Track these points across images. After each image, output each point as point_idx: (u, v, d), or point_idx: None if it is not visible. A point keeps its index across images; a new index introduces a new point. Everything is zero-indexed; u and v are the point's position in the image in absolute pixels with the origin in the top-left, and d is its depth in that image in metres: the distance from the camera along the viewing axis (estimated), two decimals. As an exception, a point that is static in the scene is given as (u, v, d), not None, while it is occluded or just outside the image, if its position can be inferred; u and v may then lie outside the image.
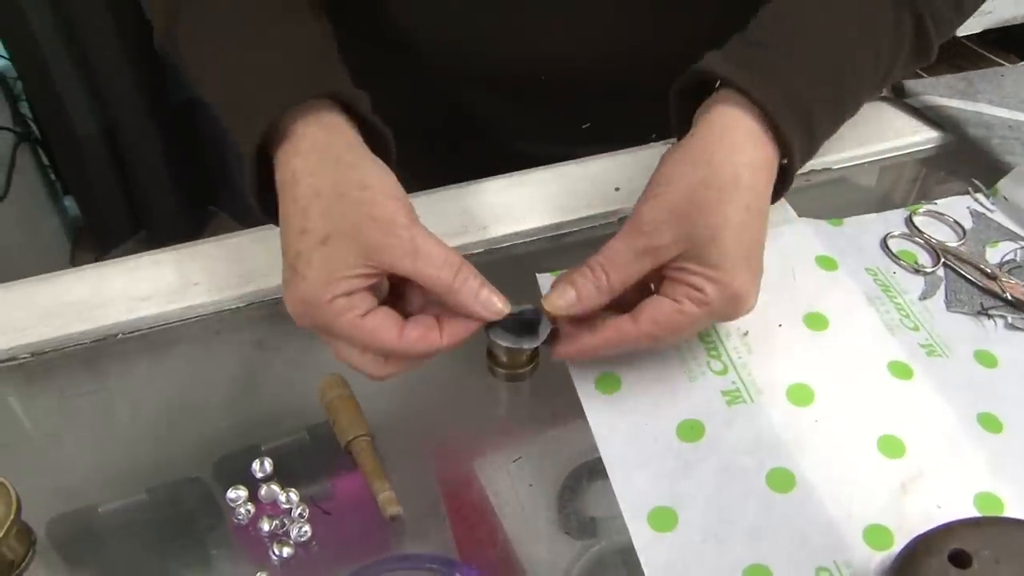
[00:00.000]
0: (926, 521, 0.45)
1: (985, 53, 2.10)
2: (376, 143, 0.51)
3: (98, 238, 1.95)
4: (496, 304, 0.48)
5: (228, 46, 0.53)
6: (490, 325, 0.50)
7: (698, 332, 0.54)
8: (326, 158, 0.47)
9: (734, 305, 0.48)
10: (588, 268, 0.49)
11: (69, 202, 2.01)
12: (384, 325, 0.46)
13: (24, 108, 1.80)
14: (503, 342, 0.50)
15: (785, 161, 0.51)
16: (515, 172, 0.68)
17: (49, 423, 0.56)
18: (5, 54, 1.70)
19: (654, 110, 0.56)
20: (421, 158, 0.76)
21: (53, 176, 1.94)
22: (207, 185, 2.05)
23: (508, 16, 0.65)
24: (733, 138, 0.49)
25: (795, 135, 0.49)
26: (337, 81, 0.51)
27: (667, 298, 0.48)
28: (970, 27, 1.82)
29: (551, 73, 0.69)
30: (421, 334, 0.47)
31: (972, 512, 0.48)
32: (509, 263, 0.64)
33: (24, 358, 0.57)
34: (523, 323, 0.50)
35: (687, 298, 0.48)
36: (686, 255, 0.48)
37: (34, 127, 1.83)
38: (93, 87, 1.71)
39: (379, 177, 0.48)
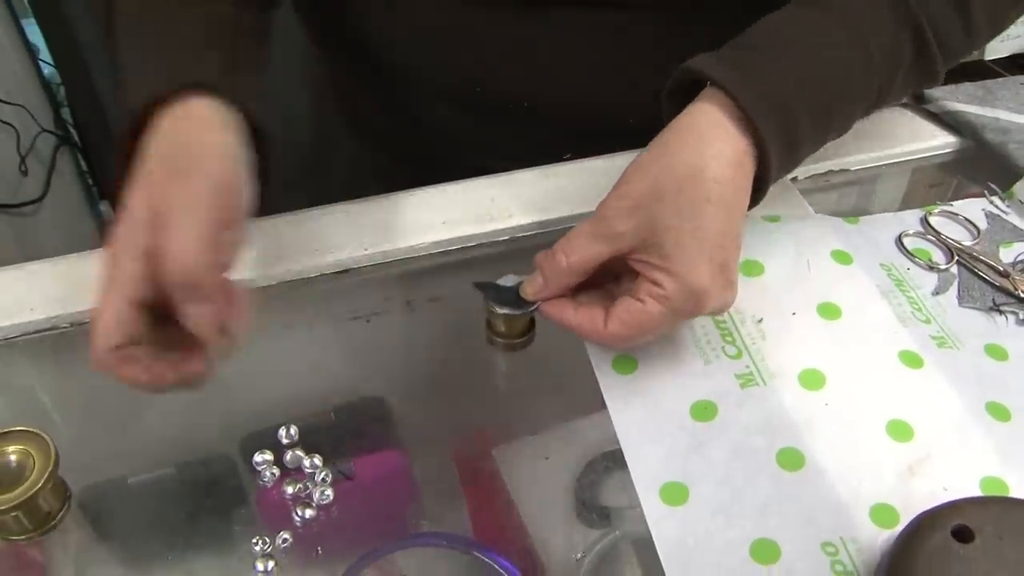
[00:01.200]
0: (932, 501, 0.45)
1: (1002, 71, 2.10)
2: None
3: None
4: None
5: (125, 39, 0.55)
6: (487, 286, 0.55)
7: (669, 331, 0.54)
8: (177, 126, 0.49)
9: (694, 301, 0.48)
10: (552, 252, 0.51)
11: (104, 207, 2.05)
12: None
13: (66, 114, 1.85)
14: (501, 309, 0.54)
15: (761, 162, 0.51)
16: (545, 165, 0.70)
17: (82, 393, 0.58)
18: (51, 61, 1.76)
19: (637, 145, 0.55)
20: (397, 170, 0.78)
21: (91, 181, 1.99)
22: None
23: (496, 44, 0.67)
24: (701, 130, 0.49)
25: (771, 133, 0.49)
26: (213, 75, 0.52)
27: (632, 298, 0.49)
28: (997, 50, 1.83)
29: (533, 101, 0.70)
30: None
31: (978, 494, 0.48)
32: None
33: (64, 328, 0.59)
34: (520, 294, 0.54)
35: (648, 295, 0.48)
36: (646, 246, 0.48)
37: (74, 132, 1.88)
38: (133, 95, 1.75)
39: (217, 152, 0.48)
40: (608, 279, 0.53)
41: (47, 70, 1.80)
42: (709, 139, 0.48)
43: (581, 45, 0.67)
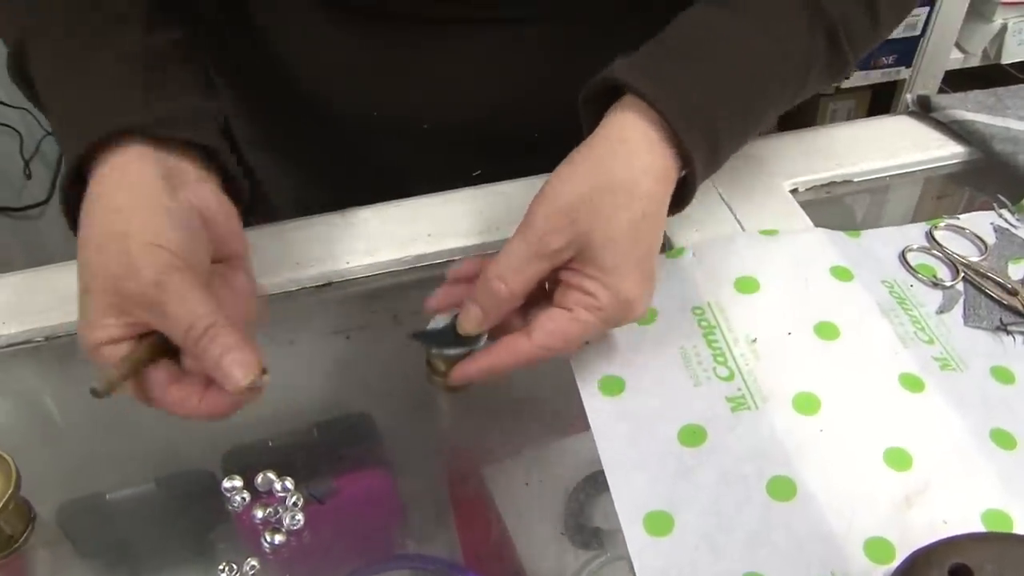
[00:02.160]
0: (930, 535, 0.43)
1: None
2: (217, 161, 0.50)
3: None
4: (234, 377, 0.43)
5: (52, 73, 0.51)
6: (425, 334, 0.51)
7: (591, 340, 0.53)
8: (97, 205, 0.46)
9: (625, 310, 0.49)
10: (488, 282, 0.49)
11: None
12: (153, 380, 0.45)
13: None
14: (449, 352, 0.51)
15: (685, 172, 0.50)
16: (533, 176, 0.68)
17: (59, 406, 0.57)
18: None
19: (551, 159, 0.53)
20: (312, 190, 0.76)
21: (97, 183, 1.99)
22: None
23: (389, 63, 0.65)
24: (631, 144, 0.48)
25: (696, 145, 0.49)
26: (134, 113, 0.48)
27: (559, 307, 0.49)
28: (1014, 53, 1.79)
29: (434, 121, 0.68)
30: (180, 398, 0.45)
31: (979, 528, 0.46)
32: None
33: (38, 342, 0.58)
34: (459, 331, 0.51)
35: (579, 305, 0.48)
36: (579, 257, 0.48)
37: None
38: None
39: (143, 222, 0.44)
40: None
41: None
42: (639, 152, 0.48)
43: (478, 61, 0.65)
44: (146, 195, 0.46)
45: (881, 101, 1.92)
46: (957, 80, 1.93)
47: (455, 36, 0.64)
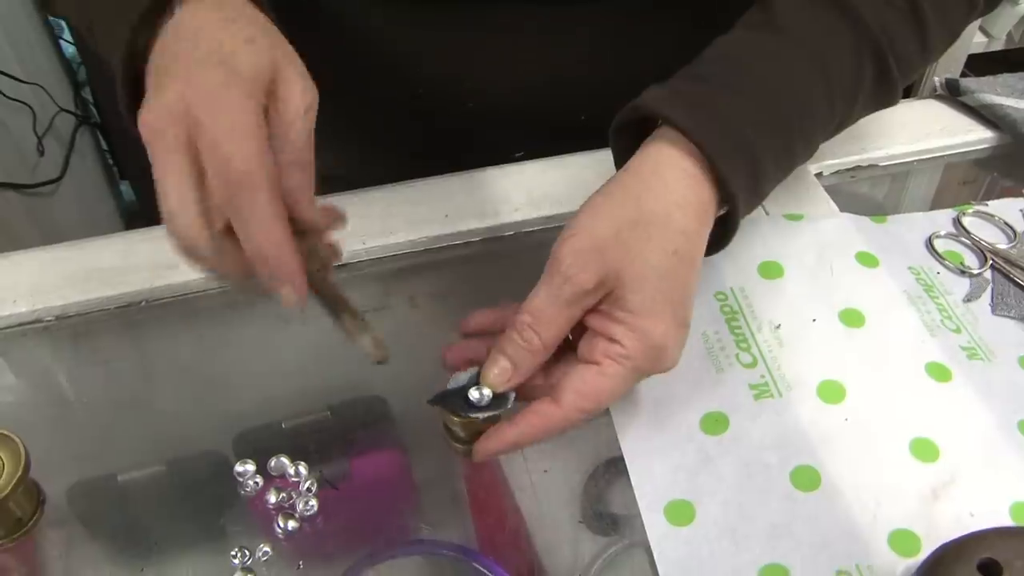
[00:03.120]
0: (957, 528, 0.42)
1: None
2: None
3: (151, 223, 1.99)
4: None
5: None
6: (444, 397, 0.47)
7: (625, 394, 0.47)
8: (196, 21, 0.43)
9: (655, 356, 0.45)
10: (517, 332, 0.45)
11: (125, 187, 2.05)
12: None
13: (86, 93, 1.85)
14: (480, 415, 0.46)
15: (727, 208, 0.48)
16: (554, 156, 0.67)
17: (70, 387, 0.57)
18: (71, 40, 1.75)
19: (598, 142, 0.51)
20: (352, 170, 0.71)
21: (110, 160, 1.99)
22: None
23: (436, 41, 0.64)
24: (665, 177, 0.45)
25: (737, 179, 0.46)
26: None
27: (585, 363, 0.45)
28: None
29: (480, 100, 0.66)
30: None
31: (1007, 522, 0.45)
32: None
33: (48, 321, 0.58)
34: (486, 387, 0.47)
35: (606, 357, 0.44)
36: (607, 300, 0.45)
37: (95, 111, 1.87)
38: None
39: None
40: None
41: (69, 50, 1.79)
42: (674, 186, 0.45)
43: (529, 42, 0.63)
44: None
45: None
46: (980, 64, 1.90)
47: (505, 14, 0.62)
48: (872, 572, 0.43)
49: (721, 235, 0.49)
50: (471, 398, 0.46)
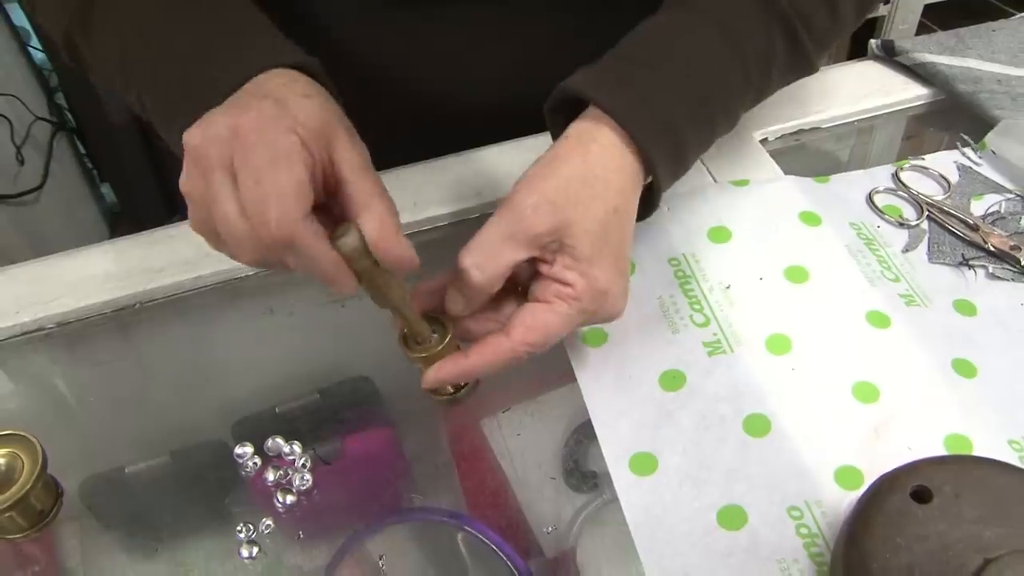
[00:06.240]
0: (896, 462, 0.45)
1: (1013, 11, 2.06)
2: None
3: (134, 224, 2.01)
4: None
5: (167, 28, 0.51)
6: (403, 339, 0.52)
7: (568, 333, 0.51)
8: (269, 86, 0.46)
9: (601, 301, 0.49)
10: (461, 265, 0.49)
11: (106, 189, 2.06)
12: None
13: (60, 99, 1.86)
14: (411, 349, 0.51)
15: (650, 179, 0.52)
16: (512, 140, 0.70)
17: (75, 388, 0.60)
18: (40, 47, 1.76)
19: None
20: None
21: (90, 164, 2.00)
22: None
23: (412, 43, 0.67)
24: (602, 144, 0.49)
25: (659, 154, 0.50)
26: (296, 53, 0.50)
27: (537, 302, 0.49)
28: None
29: (441, 98, 0.70)
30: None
31: (941, 452, 0.49)
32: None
33: (50, 328, 0.61)
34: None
35: (556, 296, 0.49)
36: (560, 247, 0.48)
37: (70, 117, 1.89)
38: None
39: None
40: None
41: (38, 56, 1.80)
42: (610, 153, 0.49)
43: (497, 39, 0.67)
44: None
45: (862, 39, 1.92)
46: (938, 13, 1.92)
47: (464, 13, 0.65)
48: (820, 506, 0.47)
49: (646, 203, 0.53)
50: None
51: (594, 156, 0.49)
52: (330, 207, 0.46)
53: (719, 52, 0.53)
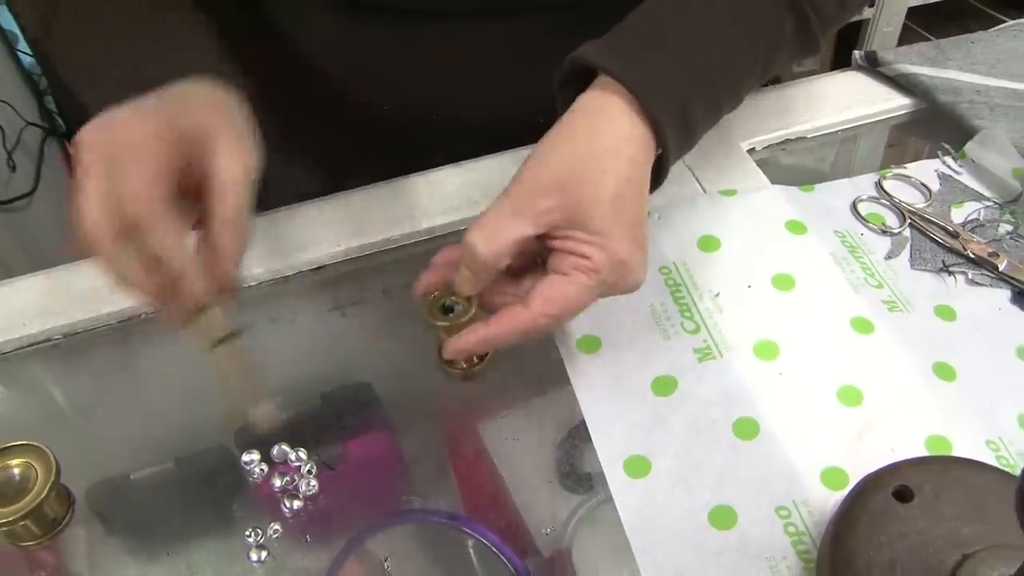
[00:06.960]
0: (880, 463, 0.47)
1: (995, 14, 2.09)
2: None
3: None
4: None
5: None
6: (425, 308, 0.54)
7: (589, 305, 0.52)
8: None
9: (621, 272, 0.49)
10: (468, 243, 0.50)
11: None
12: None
13: (49, 103, 1.86)
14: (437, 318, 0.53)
15: (660, 151, 0.52)
16: (507, 151, 0.72)
17: (81, 398, 0.62)
18: (29, 51, 1.76)
19: None
20: (316, 182, 0.77)
21: (80, 168, 2.00)
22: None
23: (398, 56, 0.69)
24: (610, 115, 0.50)
25: (669, 121, 0.50)
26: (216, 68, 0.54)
27: (555, 273, 0.50)
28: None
29: (444, 113, 0.71)
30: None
31: (922, 453, 0.51)
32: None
33: (58, 339, 0.62)
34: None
35: (575, 268, 0.49)
36: (570, 224, 0.49)
37: (60, 122, 1.89)
38: (114, 80, 1.76)
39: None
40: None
41: (26, 60, 1.79)
42: (619, 124, 0.50)
43: (486, 53, 0.68)
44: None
45: (846, 43, 1.95)
46: (922, 17, 1.95)
47: (459, 29, 0.67)
48: (807, 506, 0.49)
49: (656, 174, 0.53)
50: (446, 305, 0.54)
51: (602, 128, 0.49)
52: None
53: (729, 31, 0.53)
